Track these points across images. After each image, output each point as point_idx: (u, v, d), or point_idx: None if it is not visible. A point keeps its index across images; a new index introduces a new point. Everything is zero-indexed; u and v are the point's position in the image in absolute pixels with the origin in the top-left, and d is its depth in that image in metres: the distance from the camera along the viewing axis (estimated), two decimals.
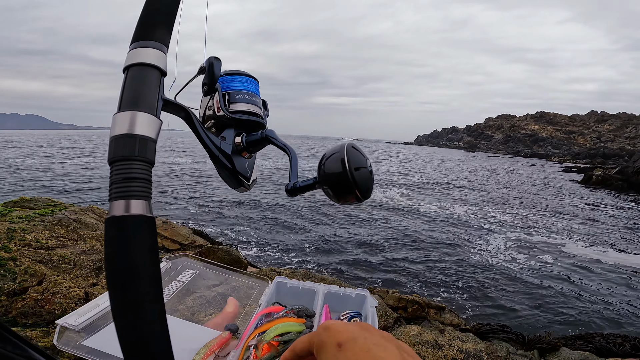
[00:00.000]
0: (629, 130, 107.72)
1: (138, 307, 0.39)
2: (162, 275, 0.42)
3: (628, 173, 29.94)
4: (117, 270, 0.39)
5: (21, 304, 2.10)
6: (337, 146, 0.63)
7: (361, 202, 0.63)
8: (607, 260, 9.96)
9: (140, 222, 0.41)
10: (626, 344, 2.93)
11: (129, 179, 0.42)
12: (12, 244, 2.56)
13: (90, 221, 3.38)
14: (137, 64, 0.48)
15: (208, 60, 0.69)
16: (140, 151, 0.43)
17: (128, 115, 0.45)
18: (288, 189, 0.68)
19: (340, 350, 0.45)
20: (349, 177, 0.59)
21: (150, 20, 0.51)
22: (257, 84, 0.84)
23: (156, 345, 0.39)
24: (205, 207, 13.71)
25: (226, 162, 0.73)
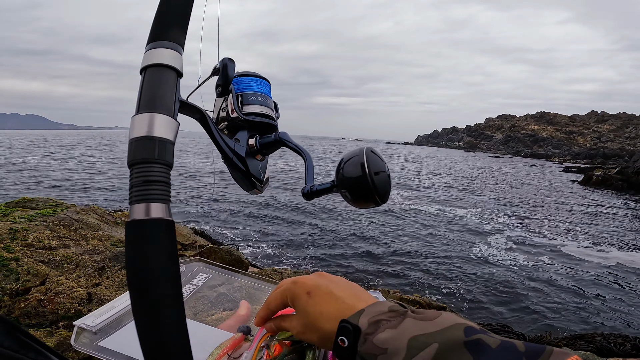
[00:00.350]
0: (629, 131, 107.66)
1: (159, 308, 0.40)
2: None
3: (628, 173, 29.93)
4: (138, 272, 0.40)
5: (24, 304, 2.10)
6: (355, 150, 0.63)
7: (379, 206, 0.63)
8: (607, 260, 9.96)
9: (160, 225, 0.41)
10: (627, 344, 2.93)
11: (149, 182, 0.42)
12: (15, 244, 2.56)
13: (92, 221, 3.38)
14: (154, 64, 0.48)
15: (222, 62, 0.69)
16: (160, 153, 0.43)
17: (147, 117, 0.45)
18: (305, 192, 0.68)
19: (310, 297, 0.57)
20: (369, 181, 0.59)
21: (165, 20, 0.51)
22: (269, 86, 0.83)
23: (176, 347, 0.40)
24: (206, 207, 13.70)
25: (240, 164, 0.73)
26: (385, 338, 0.46)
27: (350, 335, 0.49)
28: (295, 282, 0.60)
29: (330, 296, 0.57)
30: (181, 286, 0.42)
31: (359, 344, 0.48)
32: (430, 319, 0.47)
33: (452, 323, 0.45)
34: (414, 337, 0.44)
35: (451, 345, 0.42)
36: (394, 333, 0.46)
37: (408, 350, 0.43)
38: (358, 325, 0.49)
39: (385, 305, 0.52)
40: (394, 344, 0.45)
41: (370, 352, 0.46)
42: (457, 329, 0.44)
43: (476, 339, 0.42)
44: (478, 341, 0.41)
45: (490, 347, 0.41)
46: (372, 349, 0.46)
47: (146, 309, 0.40)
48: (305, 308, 0.57)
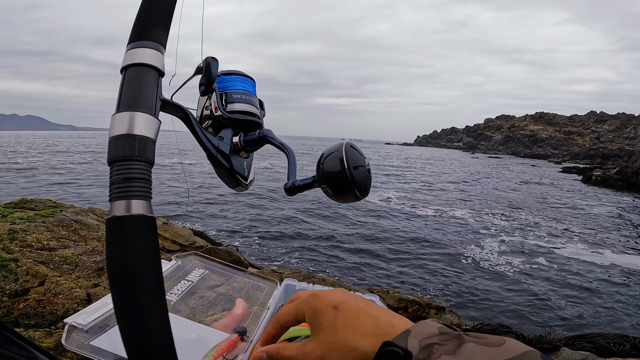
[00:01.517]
0: (628, 131, 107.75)
1: (141, 307, 0.39)
2: (171, 274, 0.43)
3: (627, 173, 29.95)
4: (119, 270, 0.40)
5: (23, 305, 2.10)
6: (335, 145, 0.63)
7: (359, 200, 0.63)
8: (605, 260, 9.97)
9: (141, 222, 0.41)
10: (626, 344, 2.93)
11: (128, 179, 0.42)
12: (14, 245, 2.56)
13: (91, 222, 3.38)
14: (134, 64, 0.49)
15: (205, 61, 0.69)
16: (140, 151, 0.44)
17: (127, 116, 0.45)
18: (287, 188, 0.68)
19: (338, 312, 0.49)
20: (348, 175, 0.60)
21: (147, 20, 0.51)
22: (253, 84, 0.84)
23: (159, 346, 0.40)
24: (206, 208, 13.71)
25: (224, 161, 0.74)
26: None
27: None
28: (317, 295, 0.53)
29: (362, 311, 0.50)
30: (163, 283, 0.42)
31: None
32: (497, 345, 0.41)
33: (524, 350, 0.40)
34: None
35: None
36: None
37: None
38: (407, 349, 0.42)
39: (433, 326, 0.46)
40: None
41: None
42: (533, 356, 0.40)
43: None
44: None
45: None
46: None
47: (128, 308, 0.39)
48: (334, 323, 0.49)
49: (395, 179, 28.51)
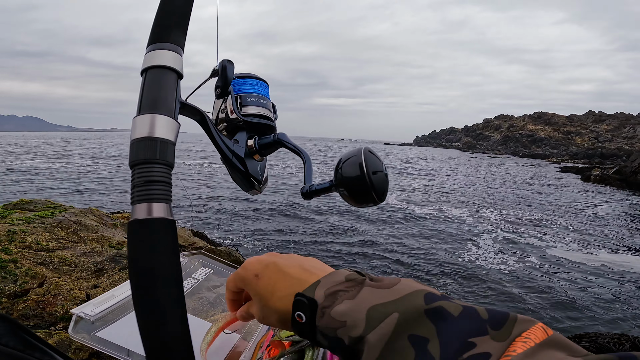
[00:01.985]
0: (627, 130, 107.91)
1: (161, 307, 0.40)
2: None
3: (626, 173, 30.00)
4: (141, 272, 0.40)
5: (22, 306, 2.10)
6: (354, 150, 0.64)
7: (377, 205, 0.64)
8: (603, 260, 9.98)
9: (162, 224, 0.42)
10: (626, 344, 2.93)
11: (150, 182, 0.43)
12: (13, 246, 2.56)
13: (91, 223, 3.37)
14: (155, 66, 0.49)
15: (221, 63, 0.69)
16: (161, 154, 0.44)
17: (148, 118, 0.45)
18: (304, 192, 0.69)
19: (259, 279, 0.55)
20: (367, 180, 0.60)
21: (166, 22, 0.51)
22: (267, 87, 0.84)
23: (178, 346, 0.40)
24: (205, 208, 13.70)
25: (239, 165, 0.74)
26: (343, 310, 0.44)
27: (307, 310, 0.47)
28: (244, 266, 0.59)
29: (279, 273, 0.55)
30: (183, 285, 0.42)
31: (317, 319, 0.46)
32: (389, 287, 0.45)
33: (412, 290, 0.45)
34: (372, 307, 0.43)
35: (412, 314, 0.41)
36: (352, 304, 0.44)
37: (367, 321, 0.41)
38: (314, 298, 0.47)
39: (341, 274, 0.50)
40: (352, 315, 0.43)
41: (329, 326, 0.45)
42: (417, 296, 0.43)
43: (437, 307, 0.41)
44: (439, 308, 0.40)
45: (451, 314, 0.40)
46: (331, 322, 0.44)
47: (149, 309, 0.40)
48: (256, 291, 0.55)
49: (395, 179, 28.50)
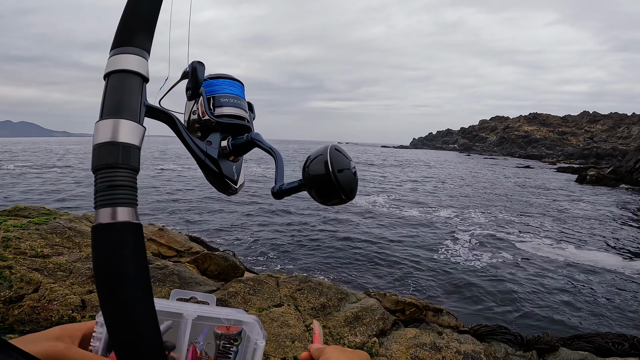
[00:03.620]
0: (621, 130, 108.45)
1: (130, 311, 0.39)
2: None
3: (621, 172, 30.14)
4: (107, 277, 0.40)
5: (18, 312, 2.09)
6: (320, 148, 0.63)
7: (345, 203, 0.63)
8: (600, 260, 10.02)
9: (127, 229, 0.41)
10: (625, 343, 2.93)
11: (113, 187, 0.42)
12: (8, 253, 2.54)
13: (86, 229, 3.36)
14: (118, 70, 0.48)
15: (191, 65, 0.69)
16: (124, 159, 0.43)
17: (111, 123, 0.45)
18: (274, 192, 0.68)
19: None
20: (333, 179, 0.60)
21: (130, 26, 0.50)
22: (242, 87, 0.83)
23: (150, 348, 0.40)
24: (202, 213, 13.67)
25: (213, 166, 0.73)
26: None
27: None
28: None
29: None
30: (152, 288, 0.42)
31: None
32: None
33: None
34: None
35: None
36: None
37: None
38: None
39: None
40: None
41: None
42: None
43: None
44: None
45: None
46: None
47: (118, 313, 0.39)
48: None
49: (392, 181, 28.55)
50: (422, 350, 2.60)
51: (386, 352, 2.56)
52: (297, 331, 2.45)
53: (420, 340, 2.71)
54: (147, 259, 0.43)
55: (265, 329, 2.16)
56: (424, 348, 2.62)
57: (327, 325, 2.64)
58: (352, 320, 2.77)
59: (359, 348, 2.50)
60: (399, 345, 2.63)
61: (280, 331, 2.38)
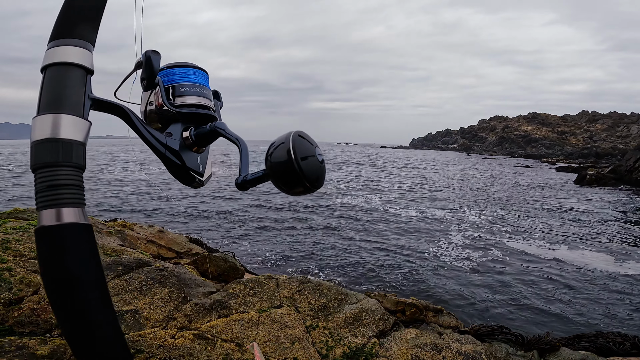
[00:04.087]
0: (621, 130, 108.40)
1: (85, 313, 0.38)
2: None
3: (621, 172, 30.15)
4: (55, 281, 0.38)
5: (17, 313, 2.08)
6: (283, 136, 0.61)
7: (311, 192, 0.61)
8: (600, 260, 10.01)
9: (74, 230, 0.39)
10: (626, 343, 2.93)
11: (55, 187, 0.40)
12: (7, 255, 2.54)
13: None
14: (56, 63, 0.46)
15: (145, 54, 0.66)
16: (66, 156, 0.41)
17: (50, 118, 0.42)
18: (238, 183, 0.66)
19: None
20: (296, 167, 0.57)
21: (72, 16, 0.48)
22: (206, 76, 0.81)
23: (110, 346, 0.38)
24: (202, 214, 13.66)
25: (174, 158, 0.70)
26: None
27: None
28: None
29: None
30: (107, 287, 0.40)
31: None
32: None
33: None
34: None
35: None
36: None
37: None
38: None
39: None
40: None
41: None
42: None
43: None
44: None
45: None
46: None
47: (71, 316, 0.38)
48: None
49: (392, 181, 28.53)
50: (423, 350, 2.60)
51: (386, 353, 2.55)
52: (297, 332, 2.45)
53: (421, 341, 2.70)
54: (100, 259, 0.41)
55: (265, 330, 2.15)
56: (424, 348, 2.61)
57: (327, 326, 2.64)
58: (352, 321, 2.76)
59: (359, 349, 2.49)
60: (399, 346, 2.63)
61: (280, 332, 2.38)
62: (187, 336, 1.92)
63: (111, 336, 0.38)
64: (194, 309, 2.17)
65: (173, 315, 2.14)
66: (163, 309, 2.36)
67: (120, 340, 0.39)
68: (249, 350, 0.62)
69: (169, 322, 2.09)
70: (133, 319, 2.23)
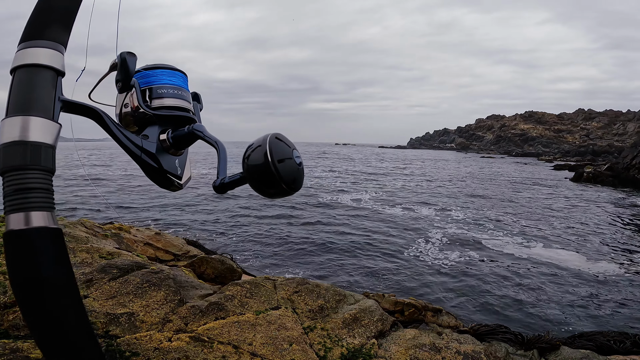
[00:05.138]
0: (617, 127, 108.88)
1: (56, 317, 0.37)
2: None
3: (618, 169, 30.24)
4: (24, 285, 0.37)
5: (12, 317, 2.07)
6: (260, 138, 0.60)
7: (289, 195, 0.61)
8: (599, 259, 10.05)
9: (43, 234, 0.39)
10: (626, 341, 2.92)
11: (24, 190, 0.39)
12: (2, 259, 2.52)
13: (80, 234, 3.33)
14: (26, 65, 0.45)
15: (120, 56, 0.65)
16: (35, 159, 0.40)
17: (18, 121, 0.42)
18: (216, 186, 0.65)
19: None
20: (273, 169, 0.57)
21: (43, 18, 0.47)
22: (185, 78, 0.79)
23: (81, 350, 0.37)
24: (199, 216, 13.65)
25: (151, 161, 0.68)
26: None
27: None
28: None
29: None
30: (78, 290, 0.40)
31: None
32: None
33: None
34: None
35: None
36: None
37: None
38: None
39: None
40: None
41: None
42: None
43: None
44: None
45: None
46: None
47: (42, 321, 0.36)
48: None
49: (391, 180, 28.57)
50: (422, 351, 2.58)
51: (385, 354, 2.53)
52: (294, 334, 2.43)
53: (420, 341, 2.69)
54: (71, 263, 0.41)
55: (262, 332, 2.12)
56: (423, 349, 2.60)
57: (325, 328, 2.62)
58: (351, 322, 2.74)
59: (358, 350, 2.47)
60: (398, 347, 2.61)
61: (277, 334, 2.36)
62: (184, 339, 1.90)
63: (83, 340, 0.37)
64: (190, 312, 2.15)
65: (169, 318, 2.12)
66: (159, 311, 2.34)
67: (93, 342, 0.39)
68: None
69: (165, 324, 2.07)
70: (129, 321, 2.21)
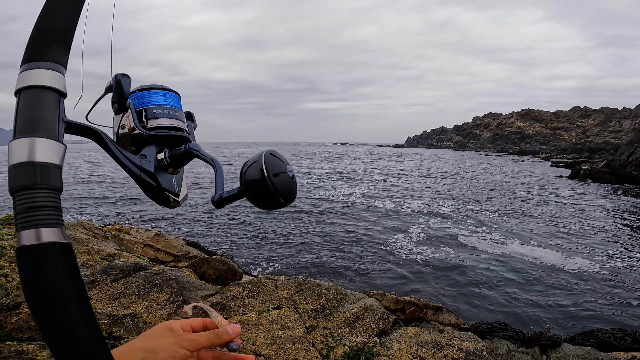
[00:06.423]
0: (613, 124, 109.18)
1: (69, 330, 0.38)
2: None
3: (615, 166, 30.34)
4: (38, 298, 0.39)
5: (15, 319, 2.07)
6: (255, 155, 0.64)
7: (285, 206, 0.64)
8: (597, 259, 10.08)
9: (54, 248, 0.40)
10: (627, 338, 2.94)
11: (34, 208, 0.41)
12: (3, 261, 2.53)
13: (81, 236, 3.33)
14: (30, 86, 0.46)
15: (115, 78, 0.67)
16: (44, 179, 0.42)
17: (26, 142, 0.43)
18: (214, 201, 0.68)
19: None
20: (269, 183, 0.60)
21: (43, 39, 0.48)
22: (177, 98, 0.82)
23: (97, 357, 0.39)
24: (199, 217, 13.64)
25: (150, 180, 0.71)
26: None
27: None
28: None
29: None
30: (90, 303, 0.41)
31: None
32: None
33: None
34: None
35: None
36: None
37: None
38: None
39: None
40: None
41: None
42: None
43: None
44: None
45: None
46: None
47: (56, 333, 0.38)
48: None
49: (391, 180, 28.59)
50: (424, 349, 2.59)
51: (387, 352, 2.54)
52: (297, 333, 2.44)
53: (422, 339, 2.70)
54: (82, 277, 0.42)
55: (265, 332, 2.13)
56: (425, 347, 2.61)
57: (328, 327, 2.63)
58: (352, 321, 2.75)
59: (360, 348, 2.48)
60: (400, 345, 2.62)
61: (280, 334, 2.37)
62: None
63: (95, 350, 0.40)
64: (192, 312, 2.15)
65: (172, 319, 2.13)
66: (162, 312, 2.35)
67: (105, 352, 0.40)
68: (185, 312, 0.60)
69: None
70: (132, 322, 2.22)
